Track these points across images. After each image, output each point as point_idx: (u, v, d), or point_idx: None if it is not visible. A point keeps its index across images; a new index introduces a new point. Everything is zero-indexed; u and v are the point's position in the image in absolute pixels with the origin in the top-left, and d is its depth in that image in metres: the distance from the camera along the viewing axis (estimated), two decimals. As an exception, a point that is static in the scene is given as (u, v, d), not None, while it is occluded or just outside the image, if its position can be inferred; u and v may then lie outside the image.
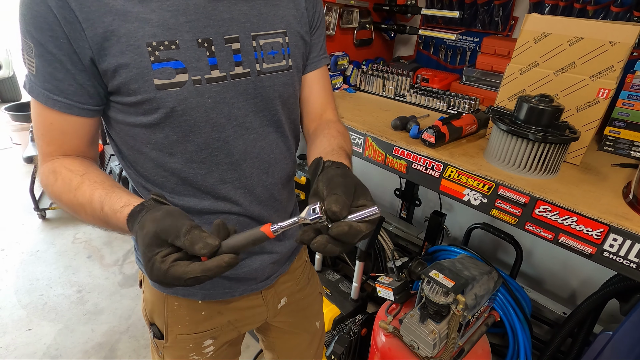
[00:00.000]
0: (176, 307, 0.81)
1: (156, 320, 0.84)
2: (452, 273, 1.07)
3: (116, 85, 0.59)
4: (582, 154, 0.94)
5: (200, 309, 0.82)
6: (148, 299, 0.84)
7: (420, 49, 1.70)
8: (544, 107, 0.83)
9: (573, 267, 1.51)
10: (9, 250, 2.55)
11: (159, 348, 0.87)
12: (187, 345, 0.84)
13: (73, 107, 0.60)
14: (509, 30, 1.45)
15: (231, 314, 0.85)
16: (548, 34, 0.90)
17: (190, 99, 0.62)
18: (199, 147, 0.66)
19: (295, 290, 0.96)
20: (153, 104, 0.60)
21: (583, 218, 0.74)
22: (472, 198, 0.91)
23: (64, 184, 0.60)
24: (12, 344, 1.90)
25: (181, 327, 0.82)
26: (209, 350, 0.87)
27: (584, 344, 1.23)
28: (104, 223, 0.58)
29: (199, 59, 0.61)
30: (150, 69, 0.58)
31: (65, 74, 0.57)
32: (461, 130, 1.03)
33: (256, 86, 0.68)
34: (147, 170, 0.69)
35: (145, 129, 0.63)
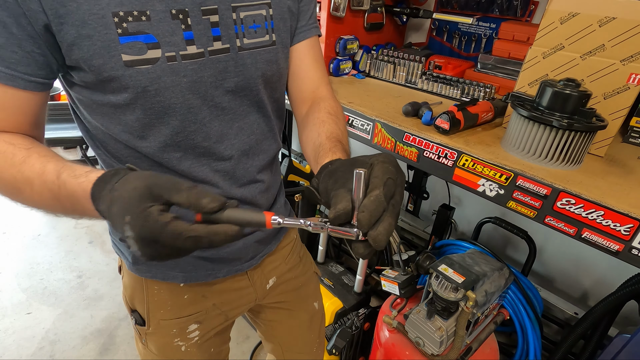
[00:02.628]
0: (156, 291, 0.76)
1: (137, 306, 0.79)
2: (462, 268, 1.02)
3: (75, 59, 0.51)
4: (607, 144, 0.88)
5: (182, 292, 0.77)
6: (127, 284, 0.79)
7: (433, 35, 1.63)
8: (570, 92, 0.77)
9: (586, 266, 1.45)
10: (10, 234, 2.54)
11: (141, 335, 0.82)
12: (171, 331, 0.80)
13: (17, 78, 0.51)
14: (528, 16, 1.37)
15: (216, 297, 0.80)
16: (576, 14, 0.83)
17: (163, 78, 0.55)
18: (174, 130, 0.60)
19: (284, 270, 0.92)
20: (121, 83, 0.53)
21: (610, 212, 0.68)
22: (487, 189, 0.85)
23: (5, 159, 0.51)
24: (10, 328, 1.89)
25: (163, 312, 0.78)
26: (194, 335, 0.82)
27: (598, 346, 1.17)
28: (54, 196, 0.49)
29: (173, 33, 0.54)
30: (117, 43, 0.51)
31: (8, 39, 0.48)
32: (477, 118, 0.97)
33: (236, 64, 0.62)
34: (118, 151, 0.62)
35: (114, 108, 0.56)
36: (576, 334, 1.14)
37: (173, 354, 0.82)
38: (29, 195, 0.51)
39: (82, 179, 0.47)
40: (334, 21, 1.32)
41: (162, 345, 0.81)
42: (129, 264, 0.75)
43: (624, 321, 1.32)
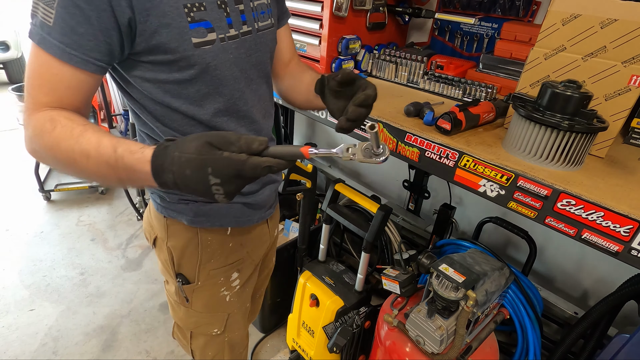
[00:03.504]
0: (209, 242, 0.88)
1: (184, 267, 0.90)
2: (462, 267, 1.02)
3: (154, 44, 0.63)
4: (608, 145, 0.88)
5: (227, 241, 0.90)
6: (177, 246, 0.88)
7: (435, 35, 1.63)
8: (571, 94, 0.78)
9: (587, 266, 1.46)
10: (13, 231, 2.55)
11: (187, 296, 0.92)
12: (219, 280, 0.92)
13: (89, 63, 0.60)
14: (530, 16, 1.37)
15: (249, 244, 0.95)
16: (578, 15, 0.84)
17: (219, 55, 0.69)
18: (225, 97, 0.74)
19: (277, 224, 1.11)
20: (190, 61, 0.66)
21: (610, 213, 0.69)
22: (488, 189, 0.86)
23: (64, 131, 0.58)
24: (14, 324, 1.91)
25: (213, 262, 0.90)
26: (236, 283, 0.96)
27: (597, 346, 1.18)
28: (111, 167, 0.57)
29: (220, 19, 0.69)
30: (188, 29, 0.64)
31: (87, 29, 0.58)
32: (478, 118, 0.97)
33: (256, 42, 0.78)
34: (175, 122, 0.74)
35: (177, 84, 0.69)
36: (576, 333, 1.15)
37: (219, 306, 0.96)
38: (84, 166, 0.59)
39: (138, 154, 0.55)
40: (336, 21, 1.32)
41: (209, 298, 0.94)
42: (190, 219, 0.84)
43: (623, 321, 1.32)
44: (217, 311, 0.96)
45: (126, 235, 2.58)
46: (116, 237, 2.55)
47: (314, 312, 1.48)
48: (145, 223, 0.97)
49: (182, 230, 0.87)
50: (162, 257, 0.93)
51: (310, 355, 1.55)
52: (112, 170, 0.57)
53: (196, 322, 0.97)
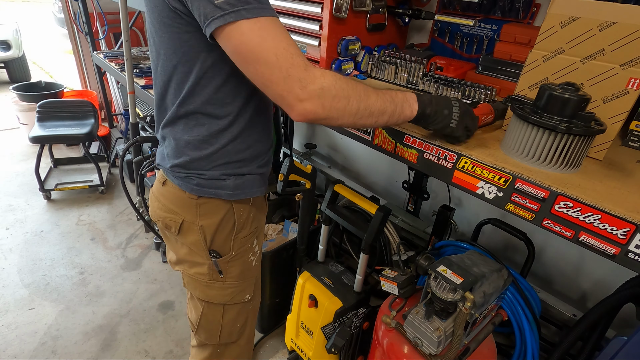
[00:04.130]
0: (241, 212, 0.98)
1: (217, 241, 0.98)
2: (460, 269, 1.02)
3: None
4: (606, 148, 0.89)
5: (251, 210, 1.01)
6: (211, 223, 0.95)
7: (435, 36, 1.63)
8: (569, 96, 0.78)
9: (585, 268, 1.46)
10: (13, 230, 2.56)
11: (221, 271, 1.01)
12: (247, 246, 1.03)
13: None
14: (530, 18, 1.38)
15: (260, 212, 1.07)
16: (576, 18, 0.84)
17: None
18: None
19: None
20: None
21: (608, 216, 0.69)
22: (486, 191, 0.86)
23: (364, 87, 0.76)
24: (13, 323, 1.91)
25: (244, 231, 1.00)
26: (257, 249, 1.09)
27: (595, 348, 1.18)
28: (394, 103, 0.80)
29: None
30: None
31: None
32: (477, 120, 0.97)
33: None
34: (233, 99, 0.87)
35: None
36: (574, 335, 1.15)
37: (249, 272, 1.08)
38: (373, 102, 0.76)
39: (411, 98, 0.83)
40: (336, 22, 1.32)
41: (242, 265, 1.04)
42: (229, 193, 0.93)
43: (621, 323, 1.32)
44: (248, 277, 1.07)
45: (126, 235, 2.58)
46: (116, 237, 2.56)
47: (312, 312, 1.48)
48: (164, 212, 1.00)
49: (216, 206, 0.95)
50: (191, 239, 0.98)
51: (308, 355, 1.55)
52: (393, 104, 0.79)
53: (231, 292, 1.05)
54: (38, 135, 2.73)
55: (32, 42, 5.83)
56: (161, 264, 2.34)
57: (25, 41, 5.07)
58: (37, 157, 2.80)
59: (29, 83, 3.69)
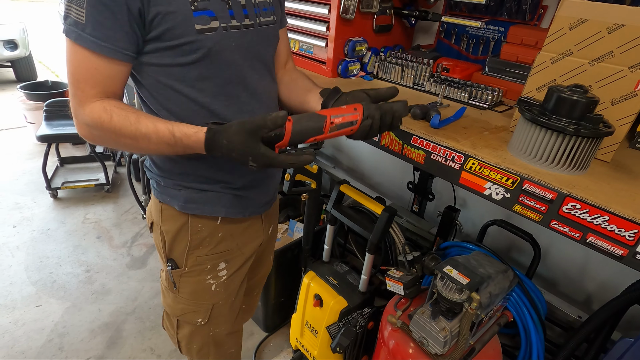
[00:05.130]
0: (199, 229, 0.93)
1: (175, 251, 0.95)
2: (467, 270, 1.03)
3: (161, 30, 0.70)
4: (614, 150, 0.89)
5: (218, 230, 0.94)
6: (169, 230, 0.93)
7: (441, 37, 1.64)
8: (578, 98, 0.78)
9: (590, 270, 1.46)
10: (20, 228, 2.58)
11: (174, 282, 0.97)
12: (205, 267, 0.96)
13: (119, 52, 0.70)
14: (537, 20, 1.38)
15: (240, 237, 0.99)
16: (585, 20, 0.84)
17: (221, 42, 0.76)
18: (225, 81, 0.80)
19: (274, 222, 1.16)
20: (193, 46, 0.73)
21: (615, 217, 0.69)
22: (494, 192, 0.86)
23: (122, 119, 0.71)
24: (20, 319, 1.93)
25: (202, 249, 0.94)
26: (223, 274, 0.99)
27: (601, 350, 1.18)
28: (170, 146, 0.72)
29: (223, 10, 0.76)
30: (192, 17, 0.71)
31: (114, 23, 0.67)
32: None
33: (258, 35, 0.84)
34: (179, 106, 0.80)
35: (181, 67, 0.76)
36: (579, 336, 1.15)
37: (204, 295, 0.99)
38: (145, 146, 0.74)
39: (193, 138, 0.71)
40: (343, 23, 1.33)
41: (195, 285, 0.97)
42: (181, 205, 0.90)
43: (627, 325, 1.32)
44: (202, 299, 0.99)
45: (131, 234, 2.60)
46: (121, 235, 2.58)
47: (317, 312, 1.49)
48: (147, 209, 1.03)
49: (174, 215, 0.92)
50: (156, 242, 0.99)
51: (313, 355, 1.56)
52: (171, 148, 0.73)
53: (182, 309, 1.00)
54: (45, 134, 2.76)
55: (38, 41, 5.88)
56: (166, 262, 2.36)
57: (32, 40, 5.11)
58: (44, 156, 2.83)
59: (35, 82, 3.72)
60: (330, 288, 1.48)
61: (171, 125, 0.72)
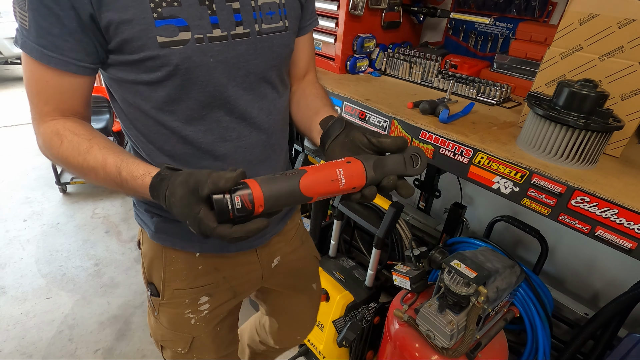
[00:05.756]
0: (174, 260, 0.81)
1: (154, 277, 0.84)
2: (474, 264, 1.03)
3: (118, 42, 0.57)
4: (623, 145, 0.89)
5: (197, 263, 0.82)
6: (147, 255, 0.84)
7: (449, 34, 1.64)
8: (588, 92, 0.78)
9: (598, 267, 1.45)
10: (30, 222, 2.62)
11: (154, 308, 0.87)
12: (184, 301, 0.84)
13: (70, 64, 0.58)
14: (546, 16, 1.38)
15: (227, 270, 0.86)
16: (596, 15, 0.84)
17: (193, 58, 0.61)
18: (201, 104, 0.66)
19: (287, 252, 0.98)
20: (156, 62, 0.59)
21: (625, 210, 0.70)
22: (502, 186, 0.87)
23: (72, 147, 0.60)
24: (31, 311, 1.97)
25: (178, 282, 0.82)
26: (205, 308, 0.86)
27: (607, 346, 1.18)
28: (118, 185, 0.59)
29: (201, 17, 0.60)
30: (153, 26, 0.57)
31: (61, 30, 0.55)
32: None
33: (256, 47, 0.67)
34: (147, 128, 0.68)
35: (146, 86, 0.63)
36: (586, 333, 1.15)
37: (182, 327, 0.87)
38: (94, 179, 0.61)
39: (139, 181, 0.56)
40: (352, 19, 1.34)
41: (173, 316, 0.85)
42: (152, 232, 0.80)
43: (634, 322, 1.32)
44: (181, 331, 0.87)
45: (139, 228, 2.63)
46: (129, 230, 2.61)
47: (324, 306, 1.50)
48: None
49: (149, 241, 0.82)
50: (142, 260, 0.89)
51: (319, 349, 1.57)
52: (118, 186, 0.60)
53: (162, 335, 0.90)
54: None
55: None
56: (173, 257, 2.38)
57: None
58: (54, 151, 2.87)
59: (45, 79, 3.77)
60: (337, 283, 1.49)
61: (121, 160, 0.58)
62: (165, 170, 0.55)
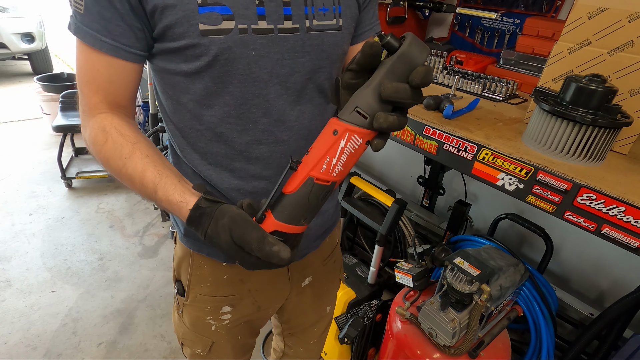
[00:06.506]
0: (201, 265, 0.80)
1: (182, 277, 0.84)
2: (477, 262, 1.02)
3: (161, 28, 0.56)
4: (631, 142, 0.87)
5: (223, 272, 0.80)
6: (177, 253, 0.84)
7: (455, 30, 1.62)
8: (595, 88, 0.77)
9: (604, 267, 1.43)
10: (36, 215, 2.64)
11: (179, 305, 0.87)
12: (206, 307, 0.83)
13: (120, 49, 0.57)
14: (554, 11, 1.35)
15: (253, 283, 0.83)
16: (605, 9, 0.82)
17: (234, 49, 0.57)
18: (238, 101, 0.62)
19: (320, 272, 0.93)
20: (196, 51, 0.57)
21: (632, 208, 0.68)
22: (507, 183, 0.85)
23: (115, 149, 0.59)
24: (36, 304, 1.98)
25: (202, 287, 0.81)
26: (226, 317, 0.85)
27: (612, 347, 1.16)
28: (153, 200, 0.59)
29: (247, 7, 0.57)
30: (196, 13, 0.55)
31: (114, 13, 0.55)
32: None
33: (304, 44, 0.63)
34: (183, 122, 0.67)
35: (185, 77, 0.61)
36: (591, 333, 1.14)
37: (203, 331, 0.86)
38: (129, 185, 0.60)
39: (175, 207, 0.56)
40: (356, 14, 1.32)
41: (195, 320, 0.85)
42: (181, 235, 0.79)
43: (639, 323, 1.30)
44: (202, 334, 0.87)
45: (143, 224, 2.64)
46: (134, 225, 2.62)
47: (326, 302, 1.50)
48: None
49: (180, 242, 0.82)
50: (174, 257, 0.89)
51: (320, 345, 1.57)
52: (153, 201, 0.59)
53: (184, 334, 0.90)
54: (61, 124, 2.81)
55: (54, 34, 5.99)
56: (177, 252, 2.39)
57: (49, 33, 5.21)
58: (59, 146, 2.89)
59: (51, 74, 3.79)
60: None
61: (160, 177, 0.57)
62: (203, 203, 0.54)
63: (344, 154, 0.48)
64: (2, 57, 4.91)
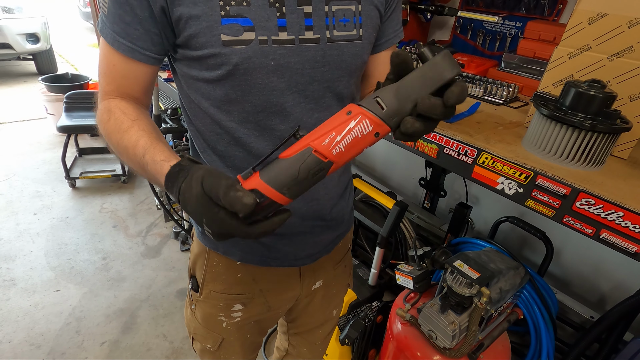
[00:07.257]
0: (216, 262, 0.83)
1: (197, 273, 0.87)
2: (477, 264, 1.03)
3: (185, 37, 0.60)
4: (631, 147, 0.87)
5: (237, 270, 0.82)
6: (194, 250, 0.87)
7: (457, 33, 1.62)
8: (595, 93, 0.77)
9: (605, 270, 1.43)
10: (40, 215, 2.67)
11: (192, 301, 0.90)
12: (218, 304, 0.86)
13: (135, 51, 0.61)
14: (556, 15, 1.36)
15: (264, 283, 0.85)
16: (605, 15, 0.83)
17: (253, 59, 0.60)
18: (256, 108, 0.65)
19: (331, 276, 0.95)
20: (217, 60, 0.60)
21: (630, 214, 0.69)
22: (506, 187, 0.86)
23: (115, 125, 0.62)
24: (40, 303, 2.00)
25: (216, 284, 0.84)
26: (237, 315, 0.87)
27: (613, 350, 1.17)
28: (141, 168, 0.59)
29: (268, 19, 0.60)
30: (219, 24, 0.58)
31: (133, 18, 0.59)
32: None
33: (324, 54, 0.65)
34: (204, 125, 0.70)
35: (207, 84, 0.64)
36: (591, 336, 1.14)
37: (214, 327, 0.89)
38: (125, 159, 0.63)
39: (157, 166, 0.55)
40: (358, 17, 1.33)
41: (207, 316, 0.88)
42: (198, 232, 0.84)
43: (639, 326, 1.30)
44: (213, 330, 0.90)
45: (146, 224, 2.66)
46: (137, 225, 2.64)
47: (327, 304, 1.51)
48: None
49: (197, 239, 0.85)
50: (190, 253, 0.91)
51: (321, 346, 1.58)
52: (141, 169, 0.59)
53: (195, 328, 0.93)
54: (66, 124, 2.84)
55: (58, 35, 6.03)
56: (179, 252, 2.41)
57: (53, 34, 5.24)
58: (64, 146, 2.91)
59: (56, 75, 3.83)
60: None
61: (151, 144, 0.58)
62: (185, 161, 0.52)
63: (350, 135, 0.47)
64: (7, 57, 4.95)
